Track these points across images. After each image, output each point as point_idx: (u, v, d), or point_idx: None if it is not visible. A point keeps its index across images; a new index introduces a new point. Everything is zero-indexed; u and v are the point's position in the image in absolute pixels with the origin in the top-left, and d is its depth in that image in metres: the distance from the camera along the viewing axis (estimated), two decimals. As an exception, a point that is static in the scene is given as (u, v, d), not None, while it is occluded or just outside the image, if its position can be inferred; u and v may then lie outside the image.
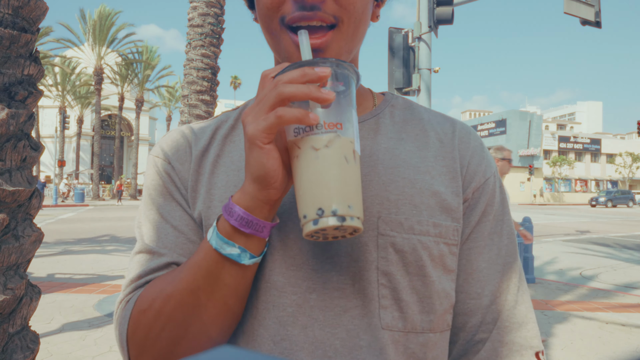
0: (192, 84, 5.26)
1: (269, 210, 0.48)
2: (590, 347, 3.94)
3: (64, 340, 3.86)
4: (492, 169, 0.62)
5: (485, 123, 49.55)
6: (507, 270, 0.58)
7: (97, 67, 33.30)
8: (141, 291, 0.53)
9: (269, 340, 0.52)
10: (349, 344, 0.51)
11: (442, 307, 0.55)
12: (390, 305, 0.52)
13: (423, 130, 0.62)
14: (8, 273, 1.32)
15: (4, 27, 1.29)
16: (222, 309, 0.50)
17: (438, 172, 0.58)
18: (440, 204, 0.56)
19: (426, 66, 8.09)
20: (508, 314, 0.57)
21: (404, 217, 0.54)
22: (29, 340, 1.38)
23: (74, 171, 44.07)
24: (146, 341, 0.51)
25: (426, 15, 7.86)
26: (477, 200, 0.59)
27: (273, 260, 0.53)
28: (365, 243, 0.53)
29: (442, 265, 0.55)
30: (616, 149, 53.37)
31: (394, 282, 0.52)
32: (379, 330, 0.51)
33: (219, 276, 0.48)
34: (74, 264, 7.49)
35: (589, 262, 8.64)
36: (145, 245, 0.57)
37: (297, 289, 0.52)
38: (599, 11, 7.59)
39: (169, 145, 0.62)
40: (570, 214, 25.88)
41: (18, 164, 1.35)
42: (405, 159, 0.58)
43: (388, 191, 0.55)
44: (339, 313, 0.51)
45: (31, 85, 1.39)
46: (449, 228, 0.56)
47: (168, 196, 0.59)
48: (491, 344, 0.56)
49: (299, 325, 0.51)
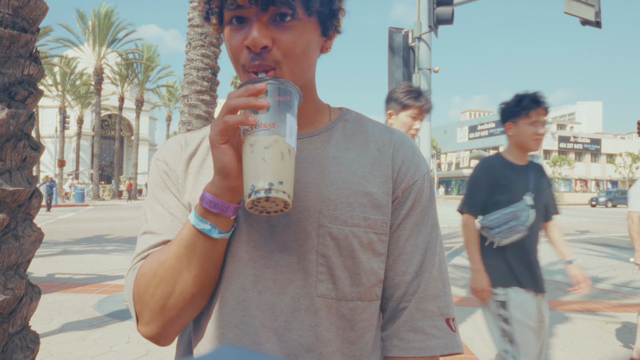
0: (192, 84, 5.25)
1: (231, 195, 0.63)
2: (590, 347, 3.94)
3: (64, 340, 3.86)
4: (421, 172, 0.76)
5: (485, 123, 49.53)
6: (428, 254, 0.73)
7: (97, 67, 33.28)
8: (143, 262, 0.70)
9: (233, 301, 0.68)
10: (292, 307, 0.67)
11: (369, 282, 0.70)
12: (325, 279, 0.68)
13: (366, 142, 0.76)
14: (8, 273, 1.32)
15: (4, 27, 1.29)
16: (199, 272, 0.66)
17: (373, 176, 0.73)
18: (371, 202, 0.71)
19: (426, 66, 8.09)
20: (425, 288, 0.72)
21: (340, 213, 0.69)
22: (29, 340, 1.38)
23: (74, 171, 44.04)
24: (145, 296, 0.67)
25: (426, 15, 7.86)
26: (406, 198, 0.74)
27: (240, 241, 0.69)
28: (309, 232, 0.68)
29: (371, 250, 0.70)
30: (616, 149, 53.33)
31: (330, 262, 0.68)
32: (315, 298, 0.68)
33: (196, 246, 0.64)
34: (74, 264, 7.49)
35: (589, 262, 8.64)
36: (148, 227, 0.74)
37: (256, 264, 0.68)
38: (599, 11, 7.59)
39: (168, 151, 0.79)
40: (570, 214, 25.87)
41: (18, 164, 1.35)
42: (347, 166, 0.73)
43: (329, 192, 0.70)
44: (286, 284, 0.68)
45: (31, 85, 1.39)
46: (378, 221, 0.71)
47: (166, 190, 0.76)
48: (410, 311, 0.71)
49: (256, 291, 0.68)
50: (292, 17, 0.64)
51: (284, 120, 0.60)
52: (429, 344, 0.70)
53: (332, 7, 0.68)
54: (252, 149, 0.59)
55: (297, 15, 0.65)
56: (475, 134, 50.75)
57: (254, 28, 0.63)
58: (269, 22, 0.64)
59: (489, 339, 4.10)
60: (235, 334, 0.67)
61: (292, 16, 0.64)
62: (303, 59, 0.68)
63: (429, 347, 0.70)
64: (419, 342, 0.70)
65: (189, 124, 5.27)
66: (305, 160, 0.72)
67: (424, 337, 0.71)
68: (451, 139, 54.21)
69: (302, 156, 0.73)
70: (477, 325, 4.49)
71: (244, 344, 0.66)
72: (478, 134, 50.39)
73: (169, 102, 50.69)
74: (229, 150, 0.61)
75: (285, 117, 0.61)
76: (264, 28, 0.64)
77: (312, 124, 0.77)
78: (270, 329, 0.67)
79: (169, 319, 0.68)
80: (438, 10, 7.59)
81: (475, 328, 4.41)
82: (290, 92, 0.63)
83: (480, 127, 50.21)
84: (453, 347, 0.71)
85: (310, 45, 0.68)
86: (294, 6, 0.63)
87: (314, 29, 0.69)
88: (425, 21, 7.89)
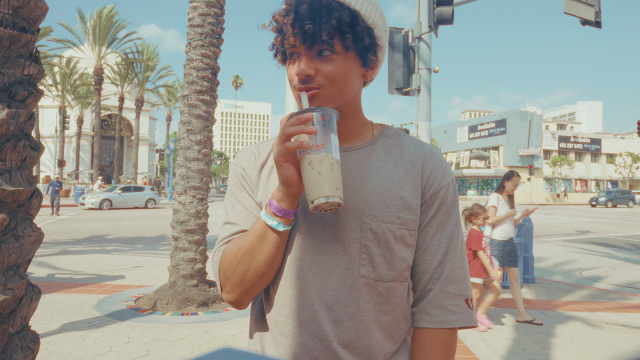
0: (192, 84, 5.25)
1: (292, 201, 0.82)
2: (590, 347, 3.94)
3: (64, 340, 3.86)
4: (446, 180, 0.93)
5: (485, 123, 49.49)
6: (451, 247, 0.91)
7: (97, 67, 33.27)
8: (225, 246, 0.91)
9: (295, 278, 0.87)
10: (339, 284, 0.85)
11: (401, 267, 0.88)
12: (366, 264, 0.86)
13: (401, 155, 0.93)
14: (8, 273, 1.32)
15: (4, 27, 1.29)
16: (268, 256, 0.85)
17: (406, 184, 0.90)
18: (404, 204, 0.88)
19: (426, 66, 8.08)
20: (448, 274, 0.89)
21: (378, 212, 0.86)
22: (29, 340, 1.38)
23: (74, 171, 44.00)
24: (228, 272, 0.88)
25: (426, 15, 7.85)
26: (433, 202, 0.91)
27: (300, 233, 0.88)
28: (354, 227, 0.86)
29: (403, 242, 0.88)
30: (616, 149, 53.30)
31: (370, 250, 0.86)
32: (357, 278, 0.85)
33: (265, 236, 0.84)
34: (74, 264, 7.49)
35: (589, 262, 8.63)
36: (229, 219, 0.94)
37: (312, 250, 0.87)
38: (599, 11, 7.58)
39: (244, 158, 0.98)
40: (570, 214, 25.86)
41: (18, 164, 1.35)
42: (386, 175, 0.90)
43: (370, 196, 0.87)
44: (335, 266, 0.86)
45: (31, 85, 1.39)
46: (409, 220, 0.88)
47: (242, 190, 0.95)
48: (435, 292, 0.89)
49: (311, 271, 0.86)
50: (330, 52, 0.83)
51: (329, 140, 0.78)
52: (450, 318, 0.88)
53: (364, 44, 0.85)
54: (310, 167, 0.77)
55: (335, 51, 0.83)
56: (475, 134, 50.73)
57: (302, 62, 0.84)
58: (314, 56, 0.84)
59: (489, 339, 4.10)
60: (296, 304, 0.86)
61: (330, 51, 0.83)
62: (342, 83, 0.86)
63: (450, 321, 0.88)
64: (442, 316, 0.88)
65: (189, 123, 5.26)
66: (352, 169, 0.90)
67: (447, 313, 0.88)
68: (451, 139, 54.20)
69: (350, 166, 0.90)
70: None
71: (303, 312, 0.85)
72: (478, 134, 50.36)
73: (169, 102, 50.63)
74: (290, 167, 0.79)
75: (330, 137, 0.79)
76: (309, 61, 0.84)
77: (358, 138, 0.95)
78: (322, 301, 0.85)
79: (245, 289, 0.88)
80: (438, 10, 7.58)
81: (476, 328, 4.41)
82: (330, 114, 0.79)
83: (480, 127, 50.18)
84: (470, 321, 0.89)
85: (348, 74, 0.86)
86: (332, 44, 0.82)
87: (353, 61, 0.87)
88: (425, 21, 7.89)
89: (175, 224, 5.23)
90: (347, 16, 0.82)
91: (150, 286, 5.87)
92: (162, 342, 3.86)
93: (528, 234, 6.65)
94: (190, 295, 4.92)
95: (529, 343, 4.01)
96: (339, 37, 0.83)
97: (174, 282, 5.06)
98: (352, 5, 0.84)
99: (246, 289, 0.88)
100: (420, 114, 8.18)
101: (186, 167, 5.24)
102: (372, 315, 0.86)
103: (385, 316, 0.88)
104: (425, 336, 0.89)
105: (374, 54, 0.88)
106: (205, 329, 4.26)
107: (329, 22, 0.81)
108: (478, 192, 49.25)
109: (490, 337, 4.15)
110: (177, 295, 4.91)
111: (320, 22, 0.81)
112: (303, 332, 0.85)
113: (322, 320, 0.84)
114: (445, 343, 0.88)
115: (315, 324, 0.84)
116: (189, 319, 4.53)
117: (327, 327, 0.84)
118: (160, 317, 4.58)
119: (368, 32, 0.85)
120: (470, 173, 48.62)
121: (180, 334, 4.08)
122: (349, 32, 0.83)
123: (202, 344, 3.88)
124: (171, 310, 4.78)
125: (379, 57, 0.90)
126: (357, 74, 0.89)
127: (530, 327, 4.47)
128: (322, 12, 0.81)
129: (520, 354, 3.76)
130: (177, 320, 4.50)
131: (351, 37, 0.83)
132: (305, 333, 0.85)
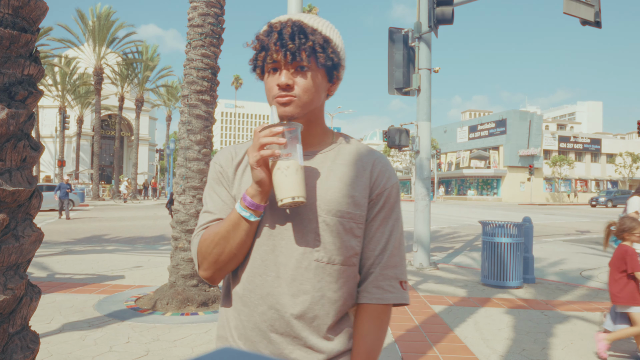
0: (192, 84, 5.24)
1: (262, 198, 0.99)
2: (590, 347, 3.94)
3: (64, 340, 3.86)
4: (390, 183, 1.10)
5: (485, 123, 49.47)
6: (391, 238, 1.09)
7: (97, 67, 33.23)
8: (204, 231, 1.07)
9: (259, 259, 1.04)
10: (296, 265, 1.02)
11: (348, 253, 1.05)
12: (320, 250, 1.03)
13: (355, 160, 1.10)
14: (8, 273, 1.32)
15: (4, 27, 1.28)
16: (240, 241, 1.02)
17: (357, 184, 1.07)
18: (354, 202, 1.05)
19: (426, 66, 8.08)
20: (387, 260, 1.08)
21: (332, 208, 1.04)
22: (29, 340, 1.38)
23: (74, 171, 43.98)
24: (205, 253, 1.05)
25: (426, 15, 7.84)
26: (379, 200, 1.09)
27: (267, 223, 1.05)
28: (311, 219, 1.03)
29: (352, 233, 1.05)
30: (616, 149, 53.28)
31: (323, 239, 1.03)
32: (312, 261, 1.02)
33: (239, 225, 1.00)
34: (74, 264, 7.49)
35: (589, 262, 8.63)
36: (207, 208, 1.11)
37: (275, 238, 1.04)
38: (599, 11, 7.58)
39: (222, 157, 1.16)
40: (570, 214, 25.86)
41: (18, 164, 1.35)
42: (340, 176, 1.07)
43: (327, 194, 1.05)
44: (294, 251, 1.02)
45: (31, 85, 1.39)
46: (357, 215, 1.06)
47: (220, 184, 1.13)
48: (374, 275, 1.08)
49: (274, 254, 1.03)
50: (307, 67, 1.01)
51: (295, 149, 0.96)
52: (385, 296, 1.07)
53: (333, 63, 1.04)
54: (280, 171, 0.95)
55: (310, 67, 1.01)
56: (475, 134, 50.70)
57: (283, 74, 1.01)
58: (292, 70, 1.01)
59: (489, 339, 4.10)
60: (259, 280, 1.03)
61: (306, 67, 1.01)
62: (313, 94, 1.03)
63: (385, 298, 1.07)
64: (379, 294, 1.07)
65: (189, 123, 5.26)
66: (314, 170, 1.07)
67: (383, 292, 1.07)
68: (451, 139, 54.17)
69: (311, 168, 1.07)
70: (477, 325, 4.49)
71: (264, 287, 1.03)
72: (478, 134, 50.34)
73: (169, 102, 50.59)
74: (263, 170, 0.96)
75: (296, 147, 0.97)
76: (289, 74, 1.01)
77: (320, 144, 1.12)
78: (282, 279, 1.02)
79: (219, 268, 1.05)
80: (438, 10, 7.57)
81: (476, 328, 4.41)
82: (296, 127, 0.97)
83: (480, 127, 50.15)
84: (402, 299, 1.09)
85: (318, 87, 1.04)
86: (308, 61, 1.00)
87: (322, 77, 1.05)
88: (425, 21, 7.88)
89: (175, 224, 5.23)
90: (320, 40, 1.01)
91: (150, 286, 5.87)
92: (162, 342, 3.86)
93: (528, 234, 6.65)
94: (191, 295, 4.92)
95: (529, 343, 4.01)
96: (314, 56, 1.01)
97: (174, 282, 5.06)
98: (324, 32, 1.04)
99: (220, 267, 1.05)
100: (420, 114, 8.18)
101: (186, 167, 5.23)
102: (323, 292, 1.03)
103: (334, 293, 1.04)
104: (364, 310, 1.08)
105: (338, 72, 1.08)
106: (205, 329, 4.26)
107: (307, 43, 0.99)
108: (478, 192, 49.23)
109: (490, 337, 4.15)
110: (177, 295, 4.91)
111: (300, 43, 0.99)
112: (263, 303, 1.02)
113: (280, 294, 1.01)
114: (380, 316, 1.08)
115: (274, 298, 1.02)
116: (189, 319, 4.52)
117: (283, 300, 1.01)
118: (160, 317, 4.58)
119: (335, 54, 1.04)
120: (470, 173, 48.60)
121: (180, 334, 4.08)
122: (322, 53, 1.01)
123: (202, 344, 3.88)
124: (171, 310, 4.78)
125: (340, 75, 1.10)
126: (324, 88, 1.07)
127: (530, 327, 4.48)
128: (302, 35, 0.99)
129: (520, 354, 3.76)
130: (177, 320, 4.50)
131: (323, 57, 1.01)
132: (264, 304, 1.02)
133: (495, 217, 20.20)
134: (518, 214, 22.61)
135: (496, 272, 6.19)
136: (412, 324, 4.49)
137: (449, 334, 4.21)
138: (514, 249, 6.15)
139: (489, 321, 4.65)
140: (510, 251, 6.13)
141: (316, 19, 1.06)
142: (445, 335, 4.17)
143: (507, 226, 6.19)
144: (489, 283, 6.29)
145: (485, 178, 48.52)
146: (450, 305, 5.25)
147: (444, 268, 7.76)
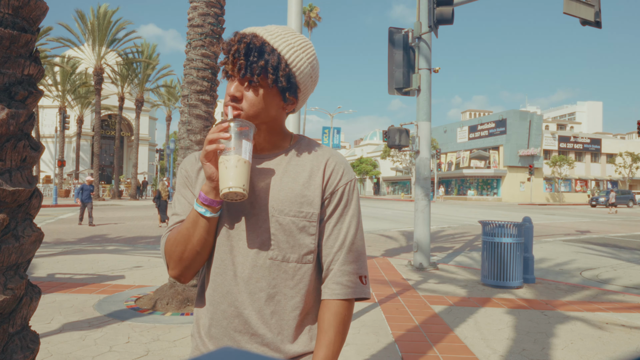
0: (192, 84, 5.24)
1: (215, 194, 1.02)
2: (590, 347, 3.94)
3: (64, 340, 3.85)
4: (344, 181, 1.13)
5: (485, 123, 49.45)
6: (348, 235, 1.12)
7: (97, 67, 33.22)
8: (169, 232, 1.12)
9: (219, 259, 1.09)
10: (252, 264, 1.06)
11: (303, 251, 1.09)
12: (274, 248, 1.07)
13: (309, 160, 1.13)
14: (8, 273, 1.32)
15: (4, 27, 1.28)
16: (200, 238, 1.06)
17: (309, 184, 1.10)
18: (307, 201, 1.08)
19: (426, 66, 8.08)
20: (345, 257, 1.11)
21: (284, 207, 1.07)
22: (29, 340, 1.38)
23: (74, 171, 43.98)
24: (170, 252, 1.09)
25: (426, 15, 7.84)
26: (332, 199, 1.12)
27: (224, 224, 1.09)
28: (265, 219, 1.07)
29: (305, 232, 1.08)
30: (616, 149, 53.27)
31: (277, 238, 1.07)
32: (267, 260, 1.06)
33: (197, 222, 1.04)
34: (74, 264, 7.49)
35: (589, 262, 8.63)
36: (175, 210, 1.16)
37: (232, 239, 1.08)
38: (599, 11, 7.58)
39: (188, 163, 1.20)
40: (570, 214, 25.85)
41: (18, 164, 1.35)
42: (293, 177, 1.10)
43: (280, 194, 1.08)
44: (250, 250, 1.07)
45: (31, 85, 1.39)
46: (310, 214, 1.08)
47: (186, 187, 1.17)
48: (334, 271, 1.11)
49: (232, 255, 1.08)
50: (256, 84, 1.03)
51: (240, 145, 0.99)
52: (345, 292, 1.10)
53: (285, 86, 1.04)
54: (222, 165, 0.98)
55: (260, 84, 1.03)
56: (475, 134, 50.70)
57: (233, 86, 1.05)
58: (243, 83, 1.05)
59: (489, 339, 4.10)
60: (220, 279, 1.08)
61: (256, 83, 1.03)
62: (260, 109, 1.05)
63: (345, 294, 1.10)
64: (339, 290, 1.10)
65: (189, 123, 5.26)
66: (268, 173, 1.10)
67: (343, 287, 1.10)
68: (451, 139, 54.17)
69: (266, 170, 1.10)
70: (477, 325, 4.49)
71: (224, 286, 1.08)
72: (478, 134, 50.33)
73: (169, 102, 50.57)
74: (211, 165, 1.00)
75: (242, 142, 0.99)
76: (239, 87, 1.05)
77: (277, 148, 1.15)
78: (239, 277, 1.07)
79: (185, 266, 1.09)
80: (438, 10, 7.57)
81: (476, 328, 4.41)
82: (247, 125, 1.00)
83: (480, 127, 50.14)
84: (362, 293, 1.12)
85: (268, 104, 1.06)
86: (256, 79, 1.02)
87: (274, 95, 1.06)
88: (425, 21, 7.88)
89: (175, 224, 5.22)
90: (274, 61, 1.02)
91: (150, 286, 5.86)
92: (162, 342, 3.86)
93: (528, 234, 6.65)
94: (191, 295, 4.92)
95: (529, 343, 4.01)
96: (264, 75, 1.03)
97: (174, 282, 5.06)
98: (283, 53, 1.04)
99: (186, 265, 1.09)
100: (420, 114, 8.18)
101: (186, 167, 5.23)
102: (278, 289, 1.07)
103: (290, 290, 1.08)
104: (326, 306, 1.11)
105: (293, 95, 1.07)
106: (205, 329, 4.26)
107: (258, 62, 1.01)
108: (478, 192, 49.22)
109: (490, 337, 4.15)
110: (177, 295, 4.91)
111: (252, 61, 1.01)
112: (224, 301, 1.07)
113: (238, 292, 1.06)
114: (341, 312, 1.10)
115: (232, 296, 1.07)
116: (189, 319, 4.52)
117: (241, 298, 1.06)
118: (160, 317, 4.58)
119: (288, 77, 1.04)
120: (470, 173, 48.58)
121: (180, 334, 4.07)
122: (273, 75, 1.02)
123: (202, 344, 3.87)
124: (171, 310, 4.78)
125: (298, 97, 1.10)
126: (277, 105, 1.08)
127: (530, 327, 4.47)
128: (256, 53, 1.02)
129: (520, 354, 3.75)
130: (177, 320, 4.50)
131: (273, 78, 1.03)
132: (225, 302, 1.07)
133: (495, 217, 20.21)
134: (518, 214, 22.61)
135: (496, 272, 6.20)
136: (412, 324, 4.49)
137: (449, 334, 4.21)
138: (514, 249, 6.15)
139: (489, 321, 4.65)
140: (511, 251, 6.14)
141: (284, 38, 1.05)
142: (445, 335, 4.17)
143: (507, 226, 6.20)
144: (489, 283, 6.29)
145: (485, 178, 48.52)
146: (450, 305, 5.25)
147: (444, 268, 7.75)
